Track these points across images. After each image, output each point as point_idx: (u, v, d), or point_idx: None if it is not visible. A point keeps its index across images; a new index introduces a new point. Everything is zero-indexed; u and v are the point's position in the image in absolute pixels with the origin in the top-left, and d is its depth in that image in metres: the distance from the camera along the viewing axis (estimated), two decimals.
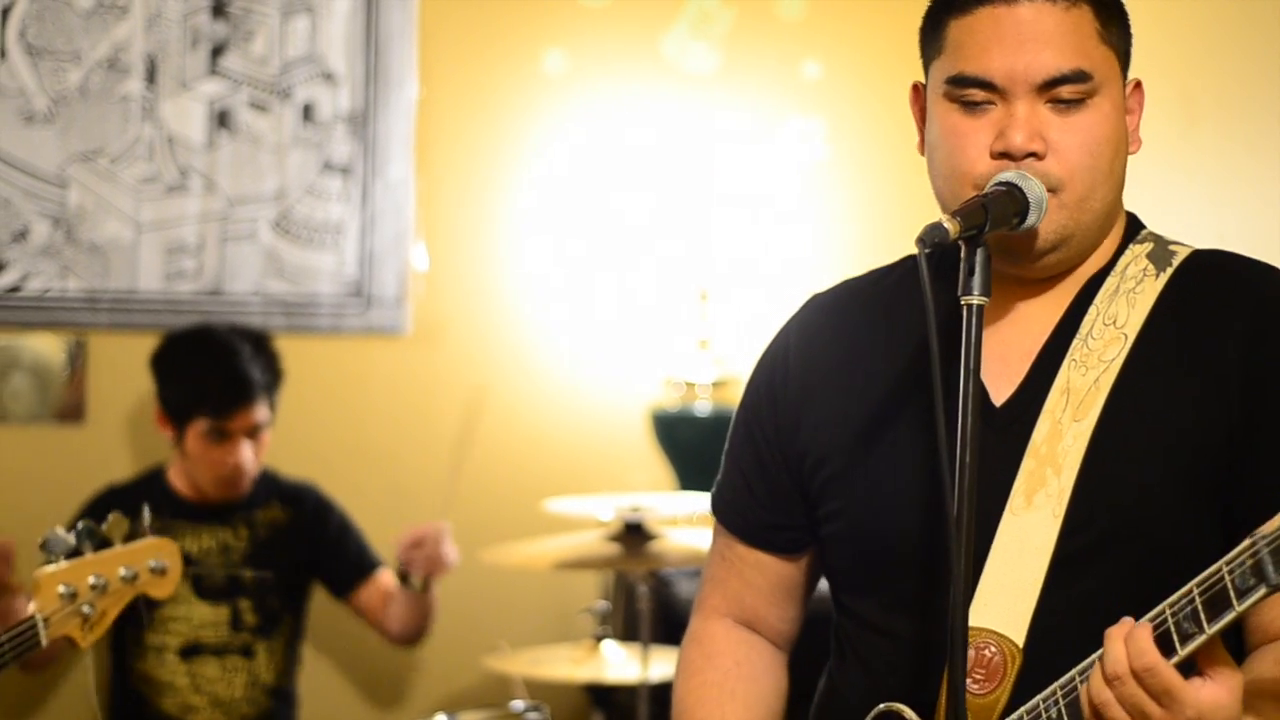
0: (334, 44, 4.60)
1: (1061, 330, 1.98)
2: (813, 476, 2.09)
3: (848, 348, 2.10)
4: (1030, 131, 1.89)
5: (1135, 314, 1.95)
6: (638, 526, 3.94)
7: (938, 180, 1.98)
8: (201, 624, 4.05)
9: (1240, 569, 1.63)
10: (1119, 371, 1.92)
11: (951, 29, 1.95)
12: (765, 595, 2.20)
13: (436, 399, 4.72)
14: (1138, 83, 2.00)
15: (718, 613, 2.24)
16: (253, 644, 4.10)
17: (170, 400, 4.07)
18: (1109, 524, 1.89)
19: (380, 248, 4.64)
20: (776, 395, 2.13)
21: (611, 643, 4.08)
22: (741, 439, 2.19)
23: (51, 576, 2.64)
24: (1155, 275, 1.98)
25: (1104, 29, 1.93)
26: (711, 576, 2.25)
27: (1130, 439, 1.91)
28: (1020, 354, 1.99)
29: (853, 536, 2.06)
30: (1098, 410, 1.91)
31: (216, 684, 4.06)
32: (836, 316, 2.14)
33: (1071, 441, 1.91)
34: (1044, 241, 1.92)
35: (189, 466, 4.07)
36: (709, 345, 4.76)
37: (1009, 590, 1.90)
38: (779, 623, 2.22)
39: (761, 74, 4.94)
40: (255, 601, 4.11)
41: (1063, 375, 1.94)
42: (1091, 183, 1.92)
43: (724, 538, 2.23)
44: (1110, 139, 1.93)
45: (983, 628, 1.90)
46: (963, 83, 1.93)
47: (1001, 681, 1.89)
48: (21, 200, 4.41)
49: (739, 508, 2.19)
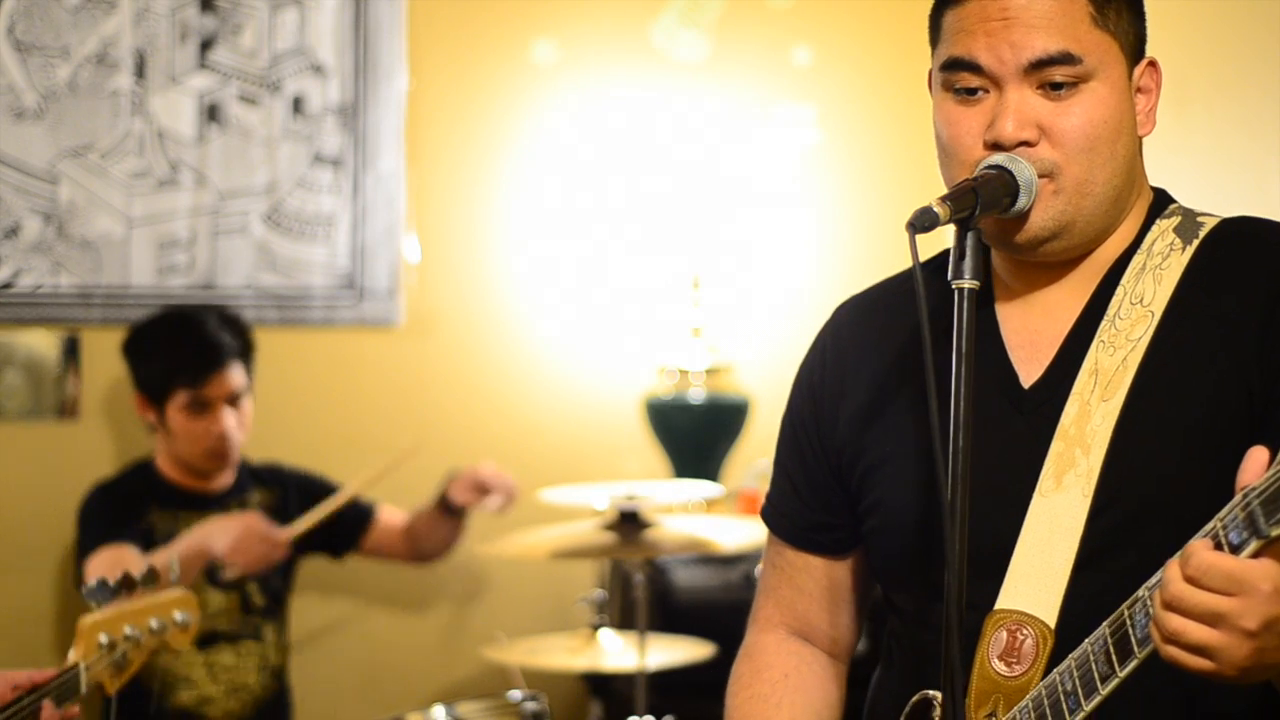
0: (323, 36, 4.59)
1: (1089, 312, 1.98)
2: (851, 471, 2.11)
3: (876, 344, 2.13)
4: (1020, 119, 1.90)
5: (1161, 290, 1.95)
6: (633, 515, 3.94)
7: (941, 168, 1.99)
8: (216, 611, 4.06)
9: (1232, 522, 1.62)
10: (1146, 350, 1.92)
11: (947, 17, 1.97)
12: (817, 600, 2.21)
13: (429, 390, 4.72)
14: (1151, 62, 2.00)
15: (770, 624, 2.24)
16: (261, 626, 4.13)
17: (146, 380, 4.09)
18: (1137, 502, 1.89)
19: (372, 240, 4.64)
20: (816, 396, 2.17)
21: (608, 631, 4.08)
22: (787, 443, 2.22)
23: (94, 626, 2.74)
24: (1182, 249, 1.97)
25: (1099, 14, 1.92)
26: (765, 588, 2.26)
27: (1158, 417, 1.90)
28: (1049, 338, 1.99)
29: (889, 529, 2.07)
30: (1125, 389, 1.91)
31: (233, 671, 4.08)
32: (867, 314, 2.17)
33: (1100, 421, 1.91)
34: (1042, 229, 1.92)
35: (175, 446, 4.08)
36: (702, 333, 4.76)
37: (1040, 573, 1.90)
38: (832, 629, 2.22)
39: (751, 61, 4.94)
40: (261, 583, 4.13)
41: (1091, 357, 1.94)
42: (1089, 167, 1.91)
43: (775, 545, 2.24)
44: (1108, 122, 1.92)
45: (1014, 610, 1.90)
46: (953, 67, 1.94)
47: (1034, 663, 1.88)
48: (12, 196, 4.40)
49: (786, 511, 2.21)
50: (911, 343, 2.07)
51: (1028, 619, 1.90)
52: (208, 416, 4.04)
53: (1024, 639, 1.89)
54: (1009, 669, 1.90)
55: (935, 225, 1.80)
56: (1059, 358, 1.98)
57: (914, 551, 2.03)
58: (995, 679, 1.90)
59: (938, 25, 1.99)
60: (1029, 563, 1.91)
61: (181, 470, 4.12)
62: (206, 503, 4.12)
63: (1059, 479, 1.91)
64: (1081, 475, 1.90)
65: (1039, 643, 1.89)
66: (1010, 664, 1.90)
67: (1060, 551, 1.89)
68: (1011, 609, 1.90)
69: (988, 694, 1.90)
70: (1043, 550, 1.90)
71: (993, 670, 1.90)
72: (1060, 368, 1.97)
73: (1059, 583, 1.89)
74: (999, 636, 1.91)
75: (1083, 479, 1.90)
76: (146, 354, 4.11)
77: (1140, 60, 1.99)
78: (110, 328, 4.45)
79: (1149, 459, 1.90)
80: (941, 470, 1.79)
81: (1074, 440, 1.92)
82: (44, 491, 4.40)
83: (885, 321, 2.14)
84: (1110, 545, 1.89)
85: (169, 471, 4.13)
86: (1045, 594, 1.89)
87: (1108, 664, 1.74)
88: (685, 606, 4.34)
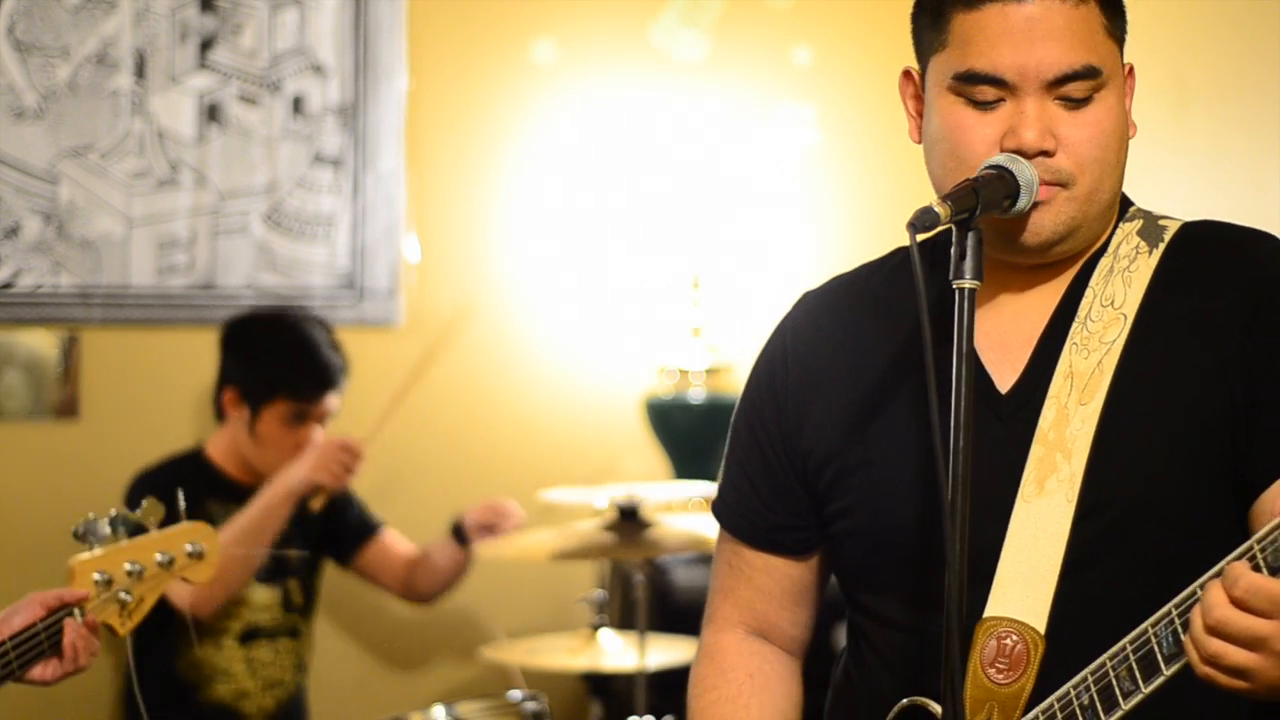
0: (323, 36, 4.59)
1: (1060, 314, 1.98)
2: (819, 474, 2.07)
3: (843, 343, 2.09)
4: (1041, 129, 1.89)
5: (1132, 293, 1.94)
6: (633, 515, 3.94)
7: (937, 170, 1.96)
8: (260, 607, 4.06)
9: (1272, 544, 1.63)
10: (1121, 352, 1.92)
11: (957, 23, 1.92)
12: (777, 600, 2.18)
13: (429, 390, 4.72)
14: (1130, 67, 1.99)
15: (729, 624, 2.20)
16: (298, 625, 4.13)
17: (249, 381, 4.06)
18: (1123, 505, 1.88)
19: (372, 240, 4.64)
20: (778, 395, 2.12)
21: (608, 631, 4.08)
22: (744, 442, 2.16)
23: (86, 564, 2.57)
24: (1149, 252, 1.97)
25: (1110, 22, 1.93)
26: (720, 587, 2.21)
27: (1138, 419, 1.90)
28: (1020, 340, 1.98)
29: (862, 532, 2.04)
30: (1103, 393, 1.90)
31: (270, 667, 4.07)
32: (830, 312, 2.14)
33: (1080, 425, 1.90)
34: (1054, 233, 1.92)
35: (255, 448, 4.05)
36: (701, 333, 4.76)
37: (1027, 578, 1.89)
38: (791, 628, 2.20)
39: (752, 61, 4.94)
40: (301, 581, 4.13)
41: (1065, 360, 1.94)
42: (1100, 175, 1.92)
43: (730, 544, 2.19)
44: (1117, 131, 1.92)
45: (1003, 617, 1.89)
46: (973, 79, 1.91)
47: (1026, 670, 1.87)
48: (12, 197, 4.40)
49: (745, 512, 2.16)
50: (890, 340, 2.05)
51: (1017, 625, 1.88)
52: (302, 431, 4.04)
53: (1014, 645, 1.88)
54: (1002, 676, 1.88)
55: (935, 225, 1.79)
56: (1033, 361, 1.97)
57: (894, 555, 2.01)
58: (988, 687, 1.89)
59: (942, 27, 1.94)
60: (1016, 569, 1.89)
61: (240, 466, 4.09)
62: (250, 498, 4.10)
63: (1041, 484, 1.90)
64: (1064, 480, 1.89)
65: (1030, 649, 1.88)
66: (1002, 670, 1.88)
67: (1047, 557, 1.88)
68: (1001, 616, 1.89)
69: (981, 702, 1.89)
70: (1029, 556, 1.89)
71: (985, 678, 1.89)
72: (1035, 371, 1.96)
73: (1047, 588, 1.88)
74: (989, 644, 1.89)
75: (1065, 483, 1.89)
76: (259, 355, 4.08)
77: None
78: (110, 328, 4.45)
79: (1133, 462, 1.89)
80: (942, 471, 1.77)
81: (1054, 445, 1.91)
82: (44, 491, 4.40)
83: (855, 319, 2.10)
84: (1097, 549, 1.88)
85: (224, 463, 4.10)
86: (1034, 600, 1.88)
87: (1131, 680, 1.73)
88: (685, 606, 4.34)
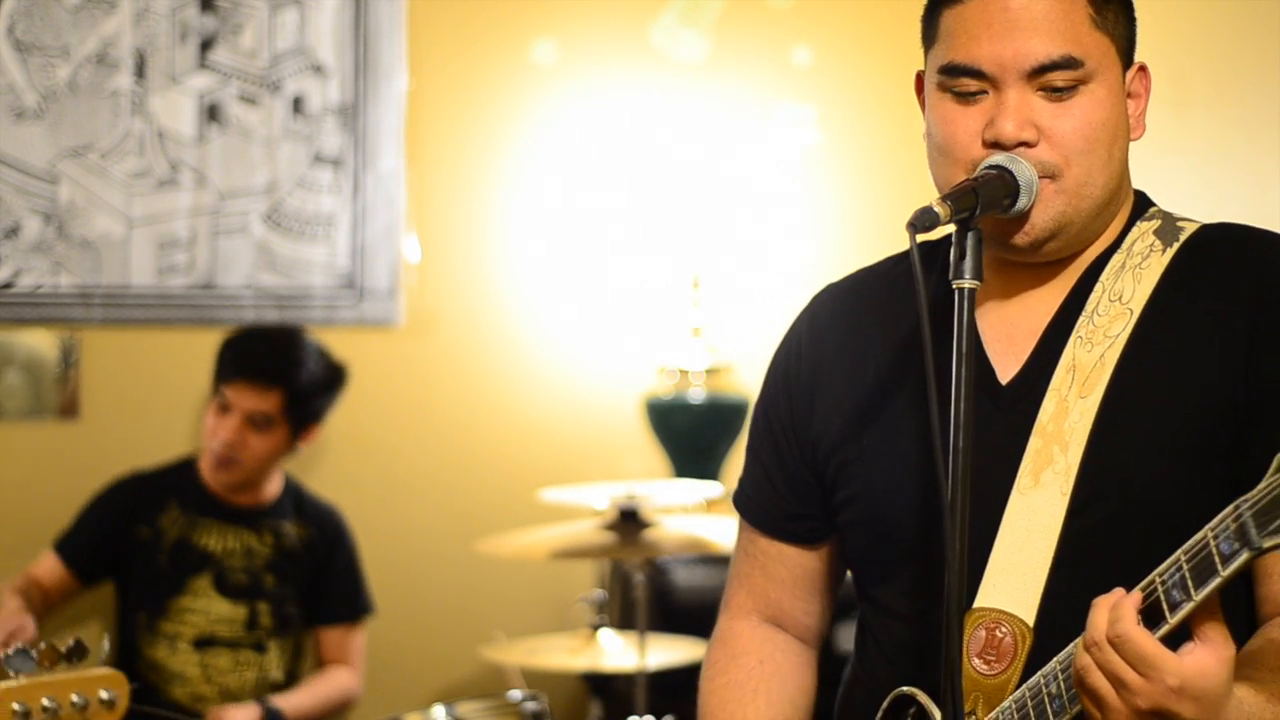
0: (323, 36, 4.59)
1: (1067, 308, 1.98)
2: (826, 464, 2.11)
3: (853, 336, 2.12)
4: (1020, 120, 1.89)
5: (1141, 289, 1.95)
6: (633, 515, 3.94)
7: (934, 167, 1.99)
8: (218, 619, 4.05)
9: (1224, 533, 1.62)
10: (1124, 347, 1.92)
11: (944, 17, 1.96)
12: (789, 588, 2.21)
13: (429, 390, 4.72)
14: (1141, 66, 2.00)
15: (743, 611, 2.24)
16: (265, 641, 4.11)
17: (214, 372, 4.12)
18: (1116, 500, 1.89)
19: (372, 240, 4.64)
20: (791, 385, 2.16)
21: (608, 631, 4.08)
22: (760, 431, 2.21)
23: (7, 693, 2.64)
24: (1162, 250, 1.97)
25: (1098, 15, 1.93)
26: (736, 574, 2.26)
27: (1136, 414, 1.90)
28: (1025, 333, 1.99)
29: (866, 522, 2.07)
30: (1103, 386, 1.91)
31: (228, 675, 4.05)
32: (845, 305, 2.17)
33: (1078, 418, 1.90)
34: (1042, 229, 1.92)
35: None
36: (701, 333, 4.76)
37: (1018, 570, 1.90)
38: (804, 617, 2.23)
39: (752, 61, 4.94)
40: (273, 606, 4.11)
41: (1068, 352, 1.94)
42: (1088, 168, 1.92)
43: (747, 533, 2.24)
44: (1106, 124, 1.92)
45: (993, 608, 1.90)
46: (954, 72, 1.93)
47: (1013, 661, 1.88)
48: (12, 196, 4.40)
49: (760, 500, 2.21)
50: (895, 336, 2.07)
51: (1006, 617, 1.90)
52: (221, 420, 4.03)
53: (1003, 637, 1.89)
54: (988, 667, 1.89)
55: (935, 225, 1.81)
56: (1036, 353, 1.98)
57: (894, 546, 2.03)
58: (975, 677, 1.90)
59: (934, 25, 1.98)
60: (1007, 560, 1.91)
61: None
62: (234, 515, 4.11)
63: (1037, 476, 1.91)
64: (1060, 473, 1.90)
65: (1017, 641, 1.88)
66: (989, 662, 1.89)
67: (1039, 549, 1.89)
68: (990, 607, 1.90)
69: (968, 692, 1.90)
70: (1021, 548, 1.90)
71: (972, 668, 1.90)
72: (1038, 363, 1.97)
73: (1037, 581, 1.89)
74: (977, 634, 1.90)
75: (1061, 476, 1.90)
76: (224, 347, 4.13)
77: (1131, 64, 1.99)
78: (110, 328, 4.45)
79: (1128, 457, 1.90)
80: (941, 470, 1.78)
81: (1052, 437, 1.91)
82: (44, 492, 4.40)
83: (865, 314, 2.13)
84: (1089, 544, 1.89)
85: (207, 474, 4.12)
86: (1024, 592, 1.89)
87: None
88: (685, 606, 4.34)
